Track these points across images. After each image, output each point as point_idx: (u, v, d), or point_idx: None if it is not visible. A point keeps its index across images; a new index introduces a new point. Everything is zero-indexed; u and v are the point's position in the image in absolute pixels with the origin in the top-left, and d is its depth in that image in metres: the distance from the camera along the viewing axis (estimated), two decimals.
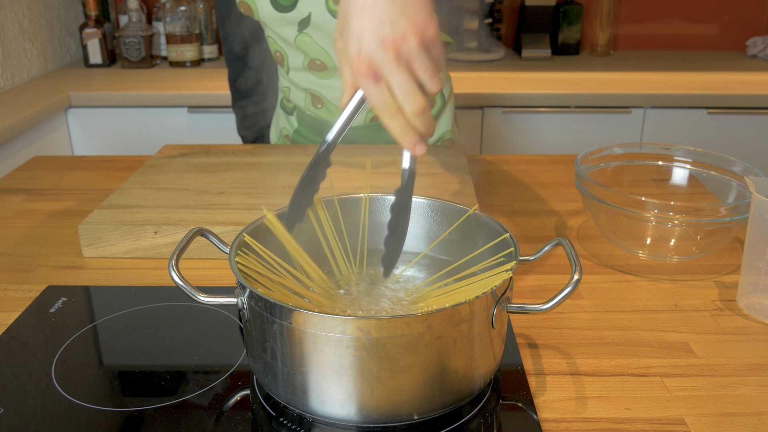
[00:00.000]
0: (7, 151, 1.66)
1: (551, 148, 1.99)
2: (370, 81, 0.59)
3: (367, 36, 0.59)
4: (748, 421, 0.61)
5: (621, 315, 0.77)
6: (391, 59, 0.58)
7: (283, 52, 1.15)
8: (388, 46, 0.58)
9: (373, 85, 0.59)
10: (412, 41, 0.59)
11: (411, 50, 0.59)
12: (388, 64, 0.58)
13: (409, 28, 0.59)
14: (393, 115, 0.60)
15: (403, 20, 0.59)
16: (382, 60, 0.58)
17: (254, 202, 0.96)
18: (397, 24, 0.59)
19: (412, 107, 0.59)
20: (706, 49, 2.51)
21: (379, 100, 0.60)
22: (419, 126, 0.60)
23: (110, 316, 0.76)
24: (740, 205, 0.82)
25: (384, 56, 0.58)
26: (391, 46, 0.58)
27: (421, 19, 0.60)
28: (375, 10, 0.60)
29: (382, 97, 0.59)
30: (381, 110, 0.60)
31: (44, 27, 2.22)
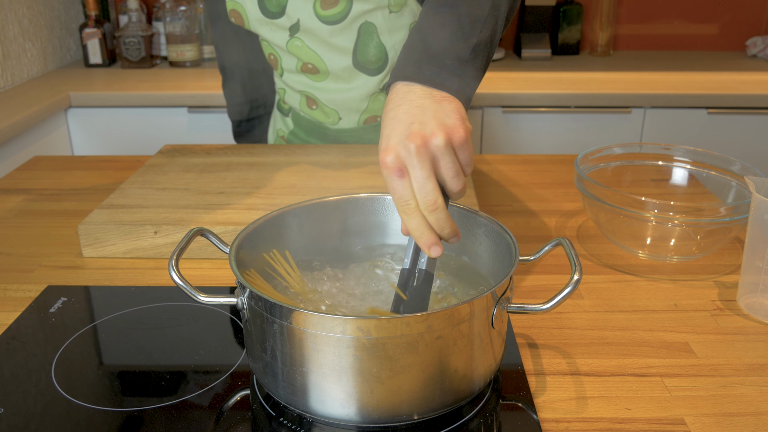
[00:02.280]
0: (7, 151, 1.66)
1: (551, 148, 1.99)
2: (395, 174, 0.59)
3: (395, 134, 0.60)
4: (748, 421, 0.61)
5: (621, 315, 0.77)
6: (414, 153, 0.58)
7: (276, 55, 1.15)
8: (414, 139, 0.58)
9: (397, 179, 0.59)
10: (439, 138, 0.59)
11: (437, 147, 0.59)
12: (412, 157, 0.58)
13: (437, 128, 0.59)
14: (411, 212, 0.59)
15: (432, 122, 0.60)
16: (406, 153, 0.58)
17: (254, 202, 0.96)
18: (426, 124, 0.59)
19: (426, 205, 0.58)
20: (706, 49, 2.51)
21: (400, 195, 0.59)
22: (435, 224, 0.59)
23: (110, 316, 0.76)
24: (740, 205, 0.82)
25: (408, 149, 0.58)
26: (417, 140, 0.58)
27: (451, 122, 0.60)
28: (406, 115, 0.61)
29: (403, 191, 0.59)
30: (399, 205, 0.59)
31: (44, 27, 2.22)
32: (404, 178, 0.59)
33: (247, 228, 0.67)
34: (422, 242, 0.60)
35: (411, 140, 0.58)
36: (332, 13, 1.05)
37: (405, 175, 0.59)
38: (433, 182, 0.58)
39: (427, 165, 0.58)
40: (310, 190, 1.00)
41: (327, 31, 1.07)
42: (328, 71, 1.12)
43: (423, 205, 0.58)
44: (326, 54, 1.10)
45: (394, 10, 1.06)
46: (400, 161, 0.59)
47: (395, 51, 1.10)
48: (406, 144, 0.58)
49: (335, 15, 1.05)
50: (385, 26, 1.07)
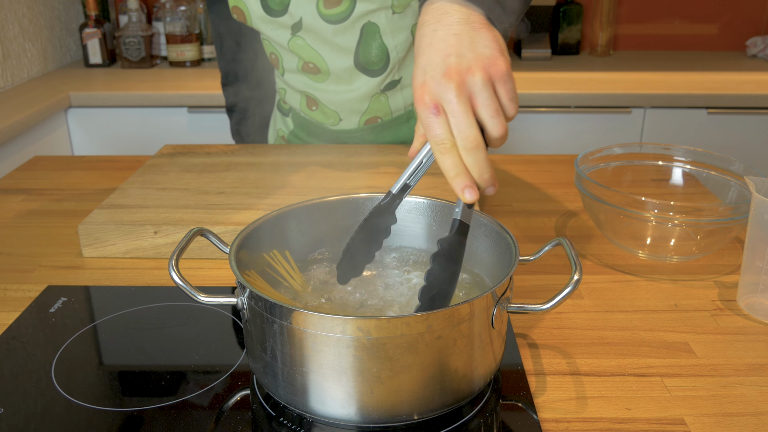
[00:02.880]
0: (7, 151, 1.66)
1: (551, 148, 1.99)
2: (431, 111, 0.56)
3: (432, 68, 0.57)
4: (748, 421, 0.61)
5: (621, 315, 0.77)
6: (453, 90, 0.55)
7: (278, 54, 1.15)
8: (451, 77, 0.55)
9: (433, 116, 0.56)
10: (477, 75, 0.56)
11: (474, 83, 0.56)
12: (449, 94, 0.55)
13: (475, 62, 0.56)
14: (446, 151, 0.56)
15: (469, 53, 0.57)
16: (443, 90, 0.56)
17: (254, 202, 0.96)
18: (463, 56, 0.56)
19: (464, 142, 0.55)
20: (706, 49, 2.51)
21: (436, 133, 0.56)
22: (471, 165, 0.56)
23: (110, 316, 0.76)
24: (740, 205, 0.82)
25: (446, 87, 0.56)
26: (454, 77, 0.55)
27: (490, 53, 0.57)
28: (442, 44, 0.58)
29: (439, 130, 0.56)
30: (435, 144, 0.56)
31: (44, 27, 2.22)
32: (440, 115, 0.56)
33: (247, 228, 0.67)
34: (457, 183, 0.56)
35: (447, 76, 0.55)
36: (335, 13, 1.05)
37: (441, 112, 0.56)
38: (471, 119, 0.55)
39: (464, 101, 0.55)
40: (310, 190, 1.00)
41: (330, 30, 1.06)
42: (330, 71, 1.12)
43: (461, 142, 0.55)
44: (328, 53, 1.10)
45: (398, 11, 1.06)
46: (436, 98, 0.56)
47: (397, 52, 1.10)
48: (442, 80, 0.56)
49: (338, 14, 1.05)
50: (388, 27, 1.07)
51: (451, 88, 0.55)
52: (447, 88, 0.56)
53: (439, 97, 0.56)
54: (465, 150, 0.55)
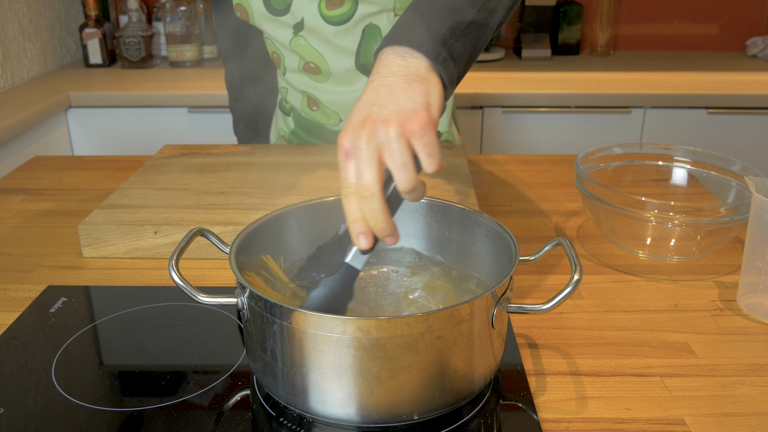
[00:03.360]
0: (7, 151, 1.66)
1: (551, 148, 1.99)
2: (342, 155, 0.57)
3: (355, 115, 0.59)
4: (748, 421, 0.61)
5: (621, 315, 0.77)
6: (363, 137, 0.56)
7: (279, 53, 1.15)
8: (365, 125, 0.57)
9: (344, 159, 0.57)
10: (391, 127, 0.56)
11: (386, 135, 0.56)
12: (359, 141, 0.57)
13: (393, 114, 0.57)
14: (348, 195, 0.57)
15: (391, 105, 0.57)
16: (356, 137, 0.57)
17: (254, 202, 0.96)
18: (384, 107, 0.57)
19: (360, 189, 0.56)
20: (706, 49, 2.51)
21: (342, 176, 0.57)
22: (366, 213, 0.57)
23: (110, 316, 0.76)
24: (740, 205, 0.82)
25: (358, 134, 0.57)
26: (368, 126, 0.57)
27: (411, 107, 0.57)
28: (372, 94, 0.59)
29: (346, 174, 0.57)
30: (342, 186, 0.58)
31: (44, 27, 2.22)
32: (350, 160, 0.57)
33: (247, 228, 0.67)
34: (352, 228, 0.58)
35: (362, 124, 0.57)
36: (337, 14, 1.05)
37: (351, 157, 0.57)
38: (372, 168, 0.56)
39: (371, 150, 0.56)
40: (310, 190, 1.00)
41: (331, 31, 1.07)
42: (330, 72, 1.12)
43: (358, 189, 0.56)
44: (329, 54, 1.10)
45: (399, 13, 1.06)
46: (350, 143, 0.57)
47: None
48: (358, 127, 0.57)
49: (340, 16, 1.05)
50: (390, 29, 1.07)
51: (362, 136, 0.57)
52: (359, 135, 0.57)
53: (352, 143, 0.57)
54: (360, 197, 0.56)
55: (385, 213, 0.56)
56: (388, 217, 0.57)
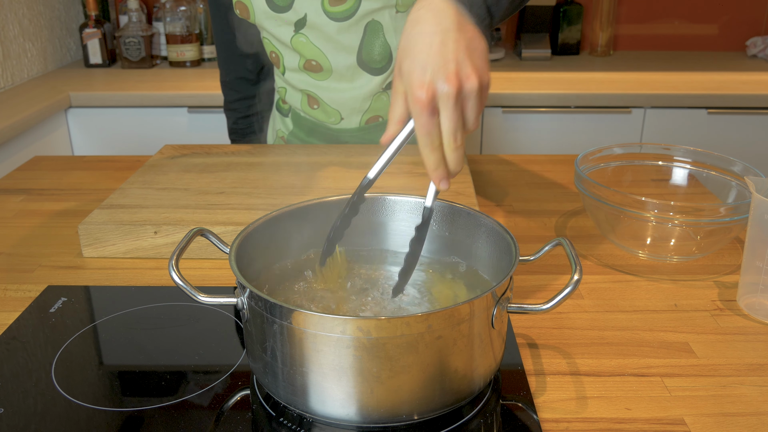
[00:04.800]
0: (7, 151, 1.66)
1: (551, 148, 1.99)
2: (427, 112, 0.61)
3: (436, 70, 0.61)
4: (748, 421, 0.61)
5: (621, 315, 0.77)
6: (452, 95, 0.60)
7: (278, 52, 1.15)
8: (452, 83, 0.60)
9: (428, 116, 0.61)
10: (474, 82, 0.61)
11: (470, 91, 0.61)
12: (449, 99, 0.60)
13: (473, 71, 0.61)
14: (434, 148, 0.62)
15: (468, 62, 0.61)
16: (443, 94, 0.60)
17: (254, 202, 0.96)
18: (463, 65, 0.61)
19: (453, 144, 0.61)
20: (706, 49, 2.51)
21: (428, 132, 0.61)
22: (452, 162, 0.62)
23: (110, 316, 0.76)
24: (740, 205, 0.82)
25: (447, 91, 0.60)
26: (455, 82, 0.60)
27: (482, 64, 0.62)
28: (444, 49, 0.62)
29: (431, 129, 0.61)
30: (425, 141, 0.62)
31: (44, 27, 2.22)
32: (435, 116, 0.61)
33: (247, 228, 0.67)
34: (437, 174, 0.63)
35: (448, 82, 0.60)
36: (340, 10, 1.05)
37: (436, 114, 0.61)
38: (456, 122, 0.61)
39: (459, 107, 0.61)
40: (310, 190, 1.00)
41: (334, 27, 1.07)
42: (332, 69, 1.12)
43: (451, 142, 0.61)
44: (331, 51, 1.10)
45: (401, 10, 1.06)
46: (435, 101, 0.61)
47: None
48: (443, 85, 0.60)
49: (343, 12, 1.05)
50: (392, 26, 1.08)
51: (451, 94, 0.60)
52: (447, 95, 0.60)
53: (438, 98, 0.61)
54: (452, 148, 0.62)
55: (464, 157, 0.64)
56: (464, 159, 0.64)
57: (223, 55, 1.26)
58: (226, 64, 1.27)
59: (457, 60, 0.61)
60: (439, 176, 0.63)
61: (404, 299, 0.67)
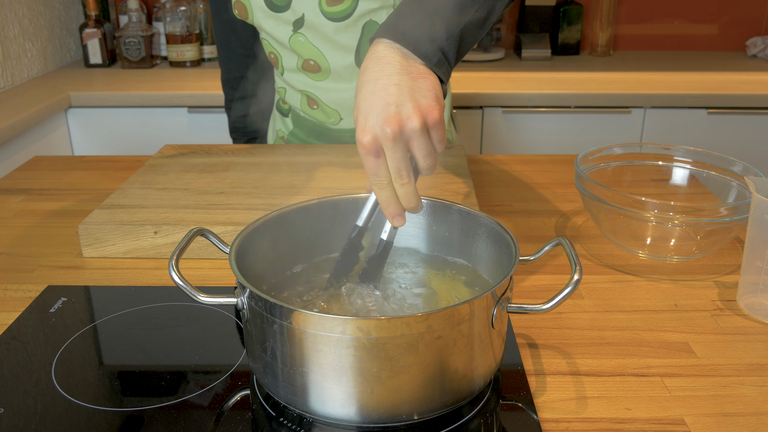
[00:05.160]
0: (7, 151, 1.66)
1: (551, 148, 1.99)
2: (372, 155, 0.62)
3: (374, 114, 0.62)
4: (748, 421, 0.61)
5: (621, 315, 0.77)
6: (392, 137, 0.61)
7: (277, 53, 1.15)
8: (391, 125, 0.61)
9: (373, 158, 0.63)
10: (415, 122, 0.62)
11: (413, 130, 0.62)
12: (388, 141, 0.61)
13: (414, 111, 0.62)
14: (383, 187, 0.64)
15: (409, 103, 0.62)
16: (383, 136, 0.62)
17: (254, 202, 0.96)
18: (403, 106, 0.62)
19: (399, 181, 0.63)
20: (706, 49, 2.51)
21: (374, 172, 0.63)
22: (402, 197, 0.64)
23: (110, 316, 0.76)
24: (740, 205, 0.82)
25: (386, 133, 0.61)
26: (394, 124, 0.61)
27: (426, 103, 0.63)
28: (384, 93, 0.63)
29: (376, 170, 0.63)
30: (374, 181, 0.64)
31: (44, 27, 2.22)
32: (380, 158, 0.63)
33: (247, 228, 0.67)
34: (389, 212, 0.65)
35: (388, 124, 0.61)
36: (338, 10, 1.05)
37: (381, 155, 0.62)
38: (406, 162, 0.63)
39: (401, 147, 0.62)
40: (310, 190, 1.00)
41: (332, 28, 1.07)
42: (330, 69, 1.12)
43: (397, 180, 0.63)
44: (329, 51, 1.10)
45: None
46: (377, 143, 0.62)
47: None
48: (384, 128, 0.61)
49: (341, 12, 1.05)
50: None
51: (390, 136, 0.61)
52: (386, 136, 0.62)
53: (380, 142, 0.62)
54: (399, 185, 0.64)
55: (417, 193, 0.65)
56: (418, 195, 0.65)
57: (223, 54, 1.26)
58: (227, 63, 1.27)
59: (397, 103, 0.62)
60: (392, 213, 0.65)
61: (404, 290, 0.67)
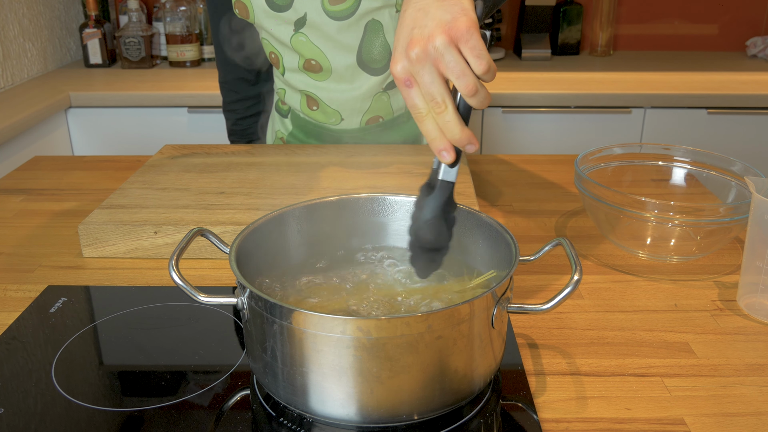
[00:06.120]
0: (7, 151, 1.66)
1: (551, 148, 1.99)
2: (404, 84, 0.59)
3: (399, 44, 0.60)
4: (748, 421, 0.61)
5: (621, 315, 0.77)
6: (416, 60, 0.58)
7: (277, 53, 1.15)
8: (413, 47, 0.58)
9: (407, 88, 0.59)
10: (437, 39, 0.57)
11: (436, 48, 0.58)
12: (414, 65, 0.58)
13: (434, 28, 0.58)
14: (422, 119, 0.59)
15: (429, 22, 0.59)
16: (409, 62, 0.58)
17: (254, 202, 0.96)
18: (424, 26, 0.59)
19: (436, 112, 0.59)
20: (706, 49, 2.51)
21: (411, 104, 0.59)
22: (443, 128, 0.59)
23: (110, 316, 0.76)
24: (740, 205, 0.82)
25: (411, 57, 0.58)
26: (416, 46, 0.58)
27: (449, 17, 0.59)
28: (409, 20, 0.60)
29: (414, 100, 0.59)
30: (413, 114, 0.60)
31: (44, 27, 2.22)
32: (413, 87, 0.59)
33: (247, 228, 0.67)
34: (433, 147, 0.60)
35: (411, 48, 0.58)
36: (340, 9, 1.05)
37: (413, 83, 0.59)
38: (437, 86, 0.58)
39: (429, 69, 0.58)
40: (310, 190, 1.00)
41: (334, 27, 1.07)
42: (332, 69, 1.12)
43: (431, 110, 0.59)
44: (330, 51, 1.10)
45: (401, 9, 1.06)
46: (407, 71, 0.59)
47: None
48: (408, 53, 0.59)
49: (343, 11, 1.05)
50: (392, 25, 1.08)
51: (414, 58, 0.58)
52: (412, 60, 0.58)
53: (408, 68, 0.59)
54: (435, 114, 0.59)
55: (460, 123, 0.58)
56: (464, 126, 0.59)
57: (221, 56, 1.26)
58: (225, 65, 1.27)
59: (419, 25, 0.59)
60: (437, 148, 0.60)
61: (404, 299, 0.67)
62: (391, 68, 0.60)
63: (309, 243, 0.74)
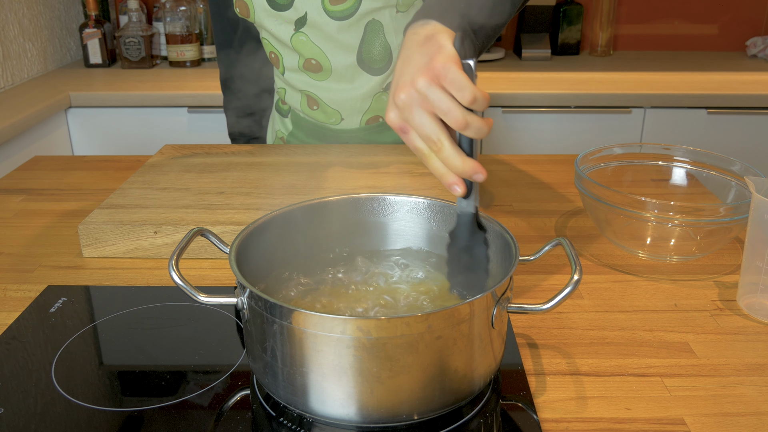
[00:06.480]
0: (7, 151, 1.66)
1: (551, 148, 1.99)
2: (401, 132, 0.61)
3: (390, 94, 0.62)
4: (748, 421, 0.61)
5: (621, 315, 0.77)
6: (404, 107, 0.60)
7: (278, 53, 1.15)
8: (398, 94, 0.60)
9: (403, 135, 0.61)
10: (419, 82, 0.59)
11: (419, 90, 0.59)
12: (404, 111, 0.60)
13: (416, 71, 0.60)
14: (426, 158, 0.61)
15: (411, 68, 0.61)
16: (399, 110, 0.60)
17: (254, 202, 0.96)
18: (407, 73, 0.61)
19: (435, 150, 0.60)
20: (706, 49, 2.51)
21: (413, 147, 0.61)
22: (448, 165, 0.60)
23: (110, 316, 0.76)
24: (740, 205, 0.82)
25: (399, 106, 0.60)
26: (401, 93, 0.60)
27: (426, 58, 0.60)
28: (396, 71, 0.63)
29: (414, 144, 0.61)
30: (418, 156, 0.61)
31: (44, 27, 2.22)
32: (408, 132, 0.61)
33: (247, 228, 0.67)
34: (444, 183, 0.61)
35: (397, 95, 0.60)
36: (341, 9, 1.05)
37: (408, 129, 0.61)
38: (429, 126, 0.59)
39: (418, 112, 0.59)
40: (310, 190, 1.00)
41: (334, 27, 1.07)
42: (332, 69, 1.12)
43: (431, 149, 0.60)
44: (331, 51, 1.10)
45: (402, 9, 1.06)
46: (399, 118, 0.61)
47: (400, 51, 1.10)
48: (395, 101, 0.61)
49: (344, 11, 1.05)
50: (392, 25, 1.08)
51: (402, 105, 0.60)
52: (400, 106, 0.60)
53: (399, 116, 0.61)
54: (435, 152, 0.60)
55: (461, 156, 0.59)
56: (465, 158, 0.60)
57: (222, 54, 1.26)
58: (226, 63, 1.27)
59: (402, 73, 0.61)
60: (447, 183, 0.61)
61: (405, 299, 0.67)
62: (386, 119, 0.62)
63: (309, 243, 0.74)
